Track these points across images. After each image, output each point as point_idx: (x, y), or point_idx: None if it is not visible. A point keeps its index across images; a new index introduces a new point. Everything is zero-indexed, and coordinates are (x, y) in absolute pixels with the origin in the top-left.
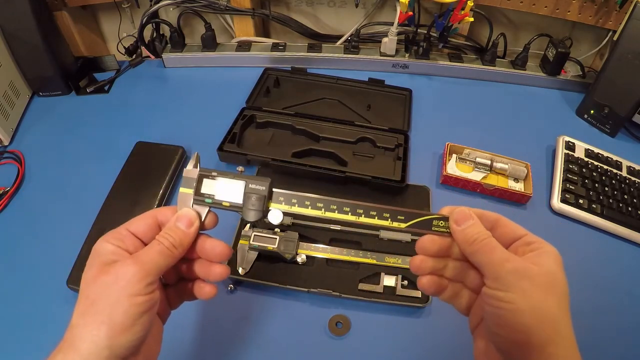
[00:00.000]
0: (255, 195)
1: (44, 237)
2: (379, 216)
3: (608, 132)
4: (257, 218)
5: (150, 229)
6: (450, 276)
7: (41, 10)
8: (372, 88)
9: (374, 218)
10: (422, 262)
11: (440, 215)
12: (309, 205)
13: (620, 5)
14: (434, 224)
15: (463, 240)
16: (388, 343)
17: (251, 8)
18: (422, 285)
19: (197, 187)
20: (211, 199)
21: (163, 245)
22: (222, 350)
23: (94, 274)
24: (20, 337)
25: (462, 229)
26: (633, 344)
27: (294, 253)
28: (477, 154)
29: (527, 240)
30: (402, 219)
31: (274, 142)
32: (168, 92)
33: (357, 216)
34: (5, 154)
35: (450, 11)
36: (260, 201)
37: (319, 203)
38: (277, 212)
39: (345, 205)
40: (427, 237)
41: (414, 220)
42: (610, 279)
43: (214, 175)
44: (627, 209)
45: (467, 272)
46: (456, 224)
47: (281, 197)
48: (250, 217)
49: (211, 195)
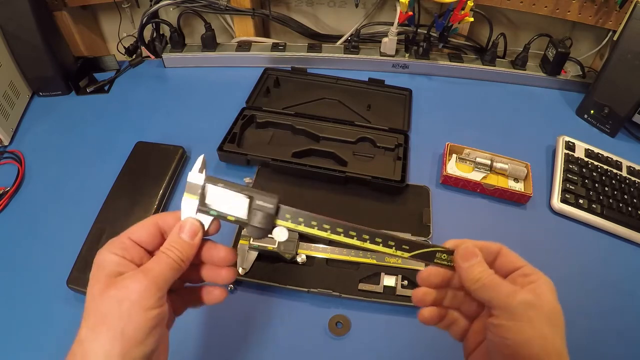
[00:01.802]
0: (261, 212)
1: (44, 237)
2: (384, 244)
3: (608, 132)
4: (261, 236)
5: (153, 236)
6: (448, 304)
7: (41, 10)
8: (372, 88)
9: (379, 245)
10: (424, 294)
11: (444, 249)
12: (315, 226)
13: (620, 5)
14: (437, 256)
15: (468, 277)
16: (388, 343)
17: (251, 8)
18: (424, 319)
19: (202, 195)
20: (216, 212)
21: (172, 259)
22: (222, 350)
23: (102, 288)
24: (20, 337)
25: (468, 266)
26: (633, 344)
27: (294, 253)
28: (477, 154)
29: (525, 271)
30: (407, 249)
31: (274, 142)
32: (168, 92)
33: (363, 242)
34: (5, 154)
35: (450, 11)
36: (267, 219)
37: (325, 224)
38: (282, 230)
39: (352, 230)
40: (431, 270)
41: (418, 251)
42: (611, 279)
43: (221, 187)
44: (627, 209)
45: (464, 300)
46: (462, 260)
47: (288, 215)
48: (254, 235)
49: (216, 207)
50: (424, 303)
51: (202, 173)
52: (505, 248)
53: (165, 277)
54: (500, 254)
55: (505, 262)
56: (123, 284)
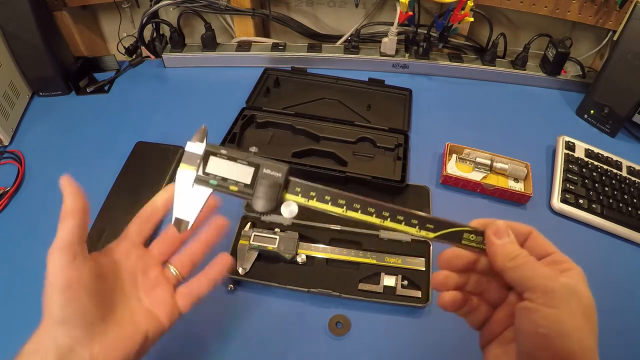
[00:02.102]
0: (269, 182)
1: (44, 237)
2: (407, 222)
3: (608, 132)
4: (267, 209)
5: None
6: (470, 290)
7: (41, 10)
8: (372, 88)
9: (400, 224)
10: (446, 278)
11: (473, 229)
12: (329, 201)
13: (620, 5)
14: (465, 237)
15: (503, 254)
16: (388, 343)
17: (251, 8)
18: (445, 303)
19: (202, 164)
20: (216, 181)
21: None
22: (222, 350)
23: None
24: (19, 337)
25: (502, 243)
26: (634, 344)
27: (294, 253)
28: (477, 154)
29: (556, 258)
30: (431, 228)
31: (274, 142)
32: (168, 92)
33: (383, 219)
34: (5, 154)
35: (450, 11)
36: (274, 190)
37: (340, 200)
38: (292, 204)
39: (370, 206)
40: (454, 251)
41: (444, 230)
42: (611, 279)
43: (224, 154)
44: (627, 209)
45: (488, 286)
46: (496, 236)
47: (298, 188)
48: (259, 207)
49: (217, 176)
50: (445, 287)
51: (202, 142)
52: (536, 231)
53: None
54: (530, 237)
55: (535, 245)
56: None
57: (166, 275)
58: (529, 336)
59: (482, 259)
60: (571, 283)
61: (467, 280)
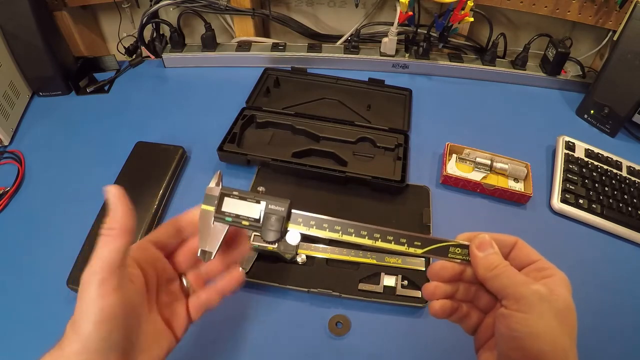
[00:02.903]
0: (274, 216)
1: (44, 237)
2: (396, 241)
3: (608, 132)
4: (275, 239)
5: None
6: (460, 298)
7: (41, 10)
8: (372, 88)
9: (390, 243)
10: (436, 288)
11: (457, 243)
12: (326, 228)
13: (620, 5)
14: (451, 250)
15: (484, 265)
16: (388, 343)
17: (251, 8)
18: (435, 312)
19: (218, 205)
20: (231, 218)
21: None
22: (222, 350)
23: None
24: (19, 338)
25: (484, 255)
26: (634, 344)
27: (294, 253)
28: (477, 154)
29: (540, 265)
30: (419, 245)
31: (274, 142)
32: (168, 92)
33: (374, 240)
34: (5, 154)
35: (450, 11)
36: (279, 222)
37: (336, 226)
38: (295, 232)
39: (363, 229)
40: (441, 263)
41: (431, 246)
42: (611, 279)
43: (235, 195)
44: (627, 209)
45: (477, 293)
46: (478, 249)
47: (300, 219)
48: (269, 238)
49: (231, 213)
50: (435, 297)
51: (218, 186)
52: (522, 241)
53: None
54: (515, 247)
55: (521, 255)
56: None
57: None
58: (505, 339)
59: (468, 270)
60: (542, 289)
61: (456, 289)
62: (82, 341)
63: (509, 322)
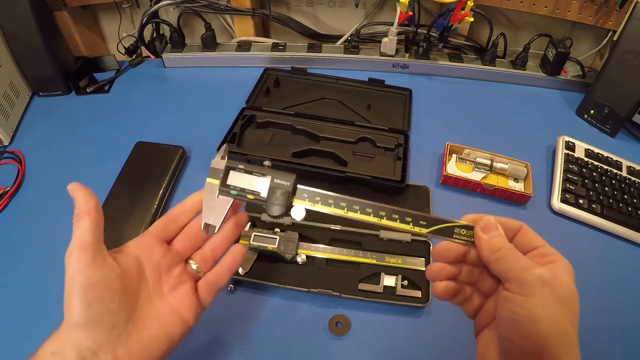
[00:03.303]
0: (280, 190)
1: (44, 237)
2: (401, 220)
3: (608, 132)
4: (280, 212)
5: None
6: (464, 280)
7: (41, 10)
8: (372, 88)
9: (395, 221)
10: (440, 269)
11: (463, 224)
12: (332, 204)
13: (620, 5)
14: (456, 231)
15: (488, 247)
16: (388, 343)
17: (251, 8)
18: (439, 292)
19: (224, 178)
20: (236, 191)
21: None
22: (222, 350)
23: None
24: (19, 337)
25: (489, 237)
26: (634, 344)
27: (294, 253)
28: (477, 154)
29: (543, 251)
30: (424, 224)
31: (274, 142)
32: (168, 92)
33: (379, 218)
34: (5, 154)
35: (450, 11)
36: (285, 196)
37: (342, 202)
38: (300, 208)
39: (368, 207)
40: (445, 244)
41: (437, 226)
42: (611, 279)
43: (241, 168)
44: (627, 209)
45: (480, 276)
46: (483, 231)
47: (305, 194)
48: (274, 212)
49: (236, 187)
50: (439, 278)
51: (223, 159)
52: (526, 226)
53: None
54: (520, 232)
55: (525, 239)
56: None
57: (188, 271)
58: (505, 322)
59: (472, 251)
60: (545, 274)
61: (459, 271)
62: (69, 315)
63: (511, 305)
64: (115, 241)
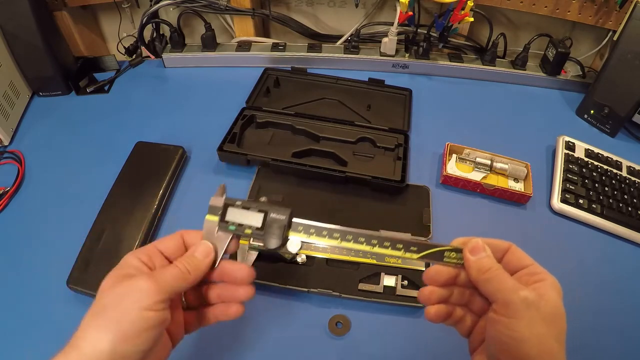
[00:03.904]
0: (276, 224)
1: (44, 237)
2: (392, 247)
3: (608, 132)
4: (277, 245)
5: (177, 248)
6: (455, 302)
7: (41, 10)
8: (372, 88)
9: (387, 248)
10: (431, 293)
11: (452, 247)
12: (326, 235)
13: (620, 5)
14: (446, 255)
15: (477, 269)
16: (388, 343)
17: (251, 8)
18: (430, 317)
19: (222, 214)
20: (234, 226)
21: (178, 268)
22: (222, 350)
23: (111, 284)
24: (19, 337)
25: (477, 259)
26: (633, 344)
27: (294, 253)
28: (477, 154)
29: (532, 270)
30: (415, 250)
31: (274, 142)
32: (168, 92)
33: (372, 246)
34: (5, 154)
35: (450, 11)
36: (281, 230)
37: (335, 233)
38: (296, 240)
39: (361, 236)
40: (436, 268)
41: (427, 251)
42: (610, 278)
43: (238, 205)
44: (627, 209)
45: (472, 297)
46: (471, 253)
47: (300, 227)
48: (271, 245)
49: (234, 222)
50: (430, 301)
51: (222, 197)
52: (515, 246)
53: (169, 284)
54: (509, 252)
55: (513, 259)
56: (129, 282)
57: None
58: (494, 342)
59: (462, 274)
60: (530, 296)
61: (451, 293)
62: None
63: (497, 326)
64: (115, 241)
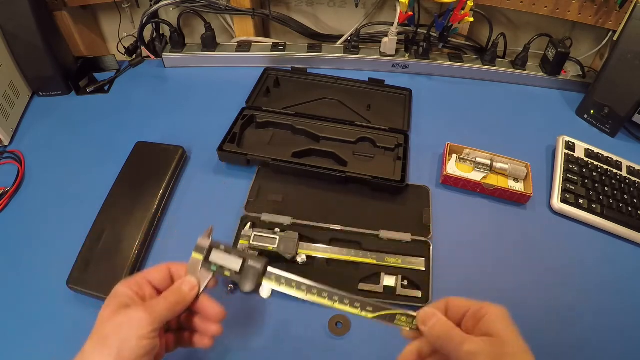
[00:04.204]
0: (252, 270)
1: (44, 237)
2: (351, 305)
3: (608, 132)
4: (251, 289)
5: (164, 279)
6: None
7: (41, 10)
8: (372, 88)
9: (346, 305)
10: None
11: (403, 312)
12: (294, 287)
13: (620, 5)
14: (397, 318)
15: (431, 337)
16: (388, 343)
17: (251, 8)
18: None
19: (207, 255)
20: (216, 267)
21: (170, 302)
22: (221, 350)
23: (109, 313)
24: (20, 337)
25: (429, 327)
26: (634, 344)
27: (294, 253)
28: (477, 154)
29: (473, 310)
30: (370, 310)
31: (274, 142)
32: (168, 92)
33: (333, 302)
34: (5, 154)
35: (450, 11)
36: (255, 276)
37: (302, 286)
38: (267, 287)
39: (324, 292)
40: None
41: (380, 312)
42: (611, 279)
43: (222, 249)
44: (627, 209)
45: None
46: (423, 324)
47: (273, 276)
48: (245, 288)
49: (217, 264)
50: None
51: (208, 238)
52: (451, 297)
53: (161, 315)
54: (449, 305)
55: (455, 309)
56: (127, 312)
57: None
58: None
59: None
60: (471, 347)
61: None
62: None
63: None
64: (115, 241)
